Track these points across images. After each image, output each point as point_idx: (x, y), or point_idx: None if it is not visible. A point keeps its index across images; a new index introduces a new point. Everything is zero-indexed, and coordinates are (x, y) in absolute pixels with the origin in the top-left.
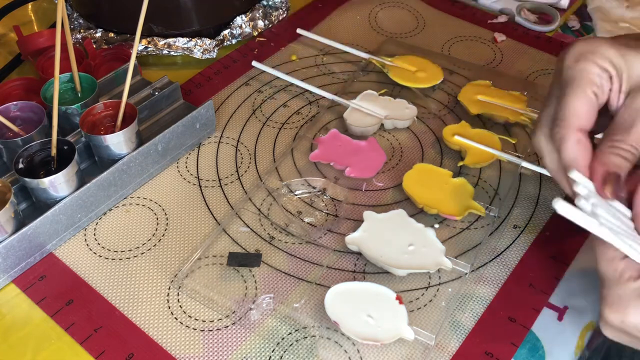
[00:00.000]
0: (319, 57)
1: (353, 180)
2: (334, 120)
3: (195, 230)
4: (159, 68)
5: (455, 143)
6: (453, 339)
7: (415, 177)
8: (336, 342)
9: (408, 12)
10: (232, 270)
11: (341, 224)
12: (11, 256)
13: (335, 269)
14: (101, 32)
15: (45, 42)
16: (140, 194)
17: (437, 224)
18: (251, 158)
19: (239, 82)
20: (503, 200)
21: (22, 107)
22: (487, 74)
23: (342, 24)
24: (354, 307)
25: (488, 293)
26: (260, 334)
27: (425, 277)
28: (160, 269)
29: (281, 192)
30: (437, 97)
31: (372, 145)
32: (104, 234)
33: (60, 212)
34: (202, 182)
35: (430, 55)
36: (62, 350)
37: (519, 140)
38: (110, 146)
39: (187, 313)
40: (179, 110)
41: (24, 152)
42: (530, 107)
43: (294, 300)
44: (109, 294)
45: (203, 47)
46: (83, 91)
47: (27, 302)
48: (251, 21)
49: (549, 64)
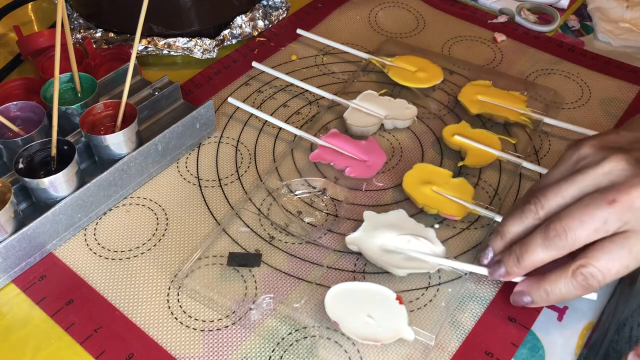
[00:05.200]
0: (319, 57)
1: (353, 180)
2: (334, 120)
3: (195, 230)
4: (159, 68)
5: (455, 143)
6: (453, 339)
7: (415, 177)
8: (336, 342)
9: (408, 12)
10: (232, 270)
11: (341, 224)
12: (11, 256)
13: (335, 269)
14: (101, 32)
15: (45, 42)
16: (140, 194)
17: (437, 224)
18: (251, 158)
19: (239, 82)
20: (503, 200)
21: (22, 107)
22: (487, 74)
23: (342, 24)
24: (354, 307)
25: (488, 293)
26: (260, 334)
27: (425, 277)
28: (160, 269)
29: (281, 192)
30: (437, 97)
31: (372, 145)
32: (104, 234)
33: (60, 212)
34: (202, 182)
35: (430, 55)
36: (62, 350)
37: (519, 140)
38: (110, 146)
39: (187, 313)
40: (179, 110)
41: (24, 152)
42: (530, 107)
43: (294, 300)
44: (109, 294)
45: (203, 47)
46: (83, 91)
47: (27, 302)
48: (251, 21)
49: (549, 64)
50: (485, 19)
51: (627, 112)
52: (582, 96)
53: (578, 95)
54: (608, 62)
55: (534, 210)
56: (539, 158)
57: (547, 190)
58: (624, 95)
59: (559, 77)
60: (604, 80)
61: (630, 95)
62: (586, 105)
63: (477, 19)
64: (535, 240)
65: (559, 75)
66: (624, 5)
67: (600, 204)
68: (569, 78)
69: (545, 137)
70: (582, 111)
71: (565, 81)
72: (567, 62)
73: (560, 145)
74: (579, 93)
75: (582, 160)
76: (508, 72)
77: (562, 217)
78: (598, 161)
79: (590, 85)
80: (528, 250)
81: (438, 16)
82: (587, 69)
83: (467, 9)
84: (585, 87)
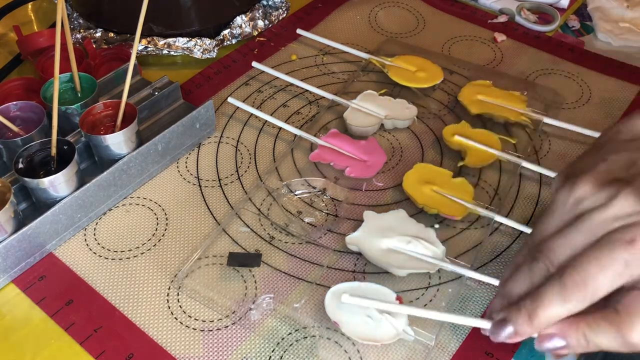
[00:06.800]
0: (319, 57)
1: (353, 180)
2: (334, 120)
3: (195, 230)
4: (159, 68)
5: (455, 143)
6: (453, 339)
7: (415, 177)
8: (336, 342)
9: (408, 12)
10: (232, 270)
11: (341, 224)
12: (11, 256)
13: (335, 269)
14: (101, 32)
15: (45, 42)
16: (140, 194)
17: (437, 224)
18: (251, 158)
19: (239, 82)
20: (503, 200)
21: (22, 107)
22: (487, 74)
23: (342, 24)
24: (354, 307)
25: (488, 293)
26: (260, 334)
27: (425, 277)
28: (160, 269)
29: (281, 192)
30: (437, 97)
31: (372, 145)
32: (104, 234)
33: (60, 212)
34: (202, 182)
35: (430, 55)
36: (62, 350)
37: (519, 140)
38: (110, 146)
39: (187, 313)
40: (179, 110)
41: (24, 152)
42: (530, 107)
43: (294, 300)
44: (109, 294)
45: (203, 47)
46: (83, 91)
47: (27, 302)
48: (251, 21)
49: (549, 64)
50: (485, 19)
51: (627, 112)
52: (582, 96)
53: (578, 95)
54: (608, 62)
55: (544, 269)
56: (539, 158)
57: (552, 242)
58: (624, 95)
59: (559, 77)
60: (604, 80)
61: (630, 95)
62: (586, 105)
63: (477, 19)
64: (550, 292)
65: (559, 75)
66: (624, 5)
67: (619, 245)
68: (569, 78)
69: (545, 137)
70: (582, 111)
71: (565, 81)
72: (567, 62)
73: (560, 146)
74: (579, 93)
75: (581, 203)
76: (508, 72)
77: (578, 265)
78: (603, 203)
79: (590, 85)
80: (543, 305)
81: (438, 16)
82: (587, 69)
83: (467, 8)
84: (585, 87)
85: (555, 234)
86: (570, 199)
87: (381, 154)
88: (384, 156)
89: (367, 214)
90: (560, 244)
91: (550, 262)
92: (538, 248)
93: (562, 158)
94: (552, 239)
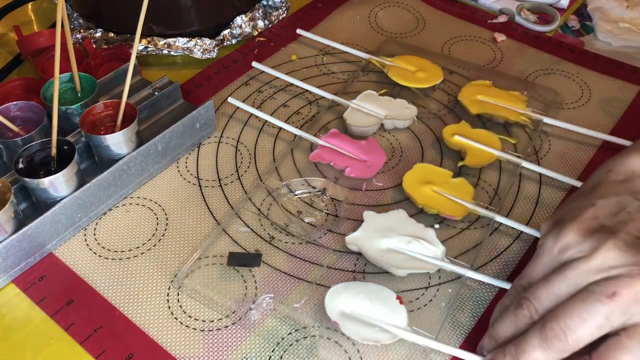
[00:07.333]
0: (319, 57)
1: (353, 180)
2: (334, 120)
3: (195, 230)
4: (159, 68)
5: (455, 143)
6: (453, 339)
7: (415, 177)
8: (336, 342)
9: (408, 12)
10: (232, 270)
11: (341, 224)
12: (11, 256)
13: (335, 269)
14: (101, 32)
15: (45, 42)
16: (140, 194)
17: (437, 224)
18: (251, 158)
19: (239, 82)
20: (503, 200)
21: (22, 107)
22: (487, 74)
23: (342, 24)
24: (354, 307)
25: (488, 293)
26: (260, 334)
27: (425, 277)
28: (160, 269)
29: (281, 192)
30: (437, 97)
31: (372, 145)
32: (104, 234)
33: (60, 212)
34: (202, 182)
35: (430, 55)
36: (62, 350)
37: (519, 140)
38: (110, 146)
39: (187, 313)
40: (179, 110)
41: (24, 152)
42: (530, 107)
43: (294, 300)
44: (109, 294)
45: (203, 47)
46: (83, 91)
47: (27, 302)
48: (251, 21)
49: (549, 64)
50: (485, 19)
51: (627, 112)
52: (582, 96)
53: (578, 95)
54: (608, 62)
55: (528, 315)
56: (539, 158)
57: (537, 289)
58: (624, 95)
59: (559, 77)
60: (604, 80)
61: (630, 95)
62: (586, 105)
63: (477, 19)
64: (532, 341)
65: (559, 75)
66: (624, 5)
67: (600, 298)
68: (569, 78)
69: (545, 137)
70: (582, 111)
71: (565, 81)
72: (567, 62)
73: (560, 146)
74: (579, 93)
75: (566, 251)
76: (508, 72)
77: (559, 316)
78: (586, 255)
79: (590, 85)
80: (525, 353)
81: (438, 16)
82: (587, 69)
83: (467, 9)
84: (585, 87)
85: (540, 281)
86: (556, 246)
87: (381, 154)
88: (384, 156)
89: (367, 214)
90: (544, 292)
91: (535, 310)
92: (523, 294)
93: (562, 158)
94: (537, 285)
